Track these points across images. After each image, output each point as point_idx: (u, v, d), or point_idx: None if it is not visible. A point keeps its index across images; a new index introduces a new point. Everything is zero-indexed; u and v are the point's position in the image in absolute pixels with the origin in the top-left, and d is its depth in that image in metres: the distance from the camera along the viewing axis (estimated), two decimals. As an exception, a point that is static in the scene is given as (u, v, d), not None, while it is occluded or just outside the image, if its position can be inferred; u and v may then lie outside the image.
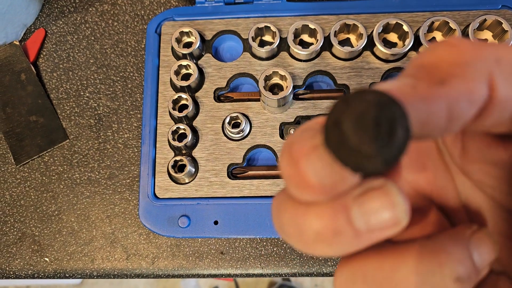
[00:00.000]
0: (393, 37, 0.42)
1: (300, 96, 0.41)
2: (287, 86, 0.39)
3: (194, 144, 0.41)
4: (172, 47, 0.42)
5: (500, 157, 0.15)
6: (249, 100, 0.41)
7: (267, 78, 0.39)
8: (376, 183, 0.13)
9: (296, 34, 0.42)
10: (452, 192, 0.17)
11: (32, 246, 0.44)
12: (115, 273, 0.43)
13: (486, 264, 0.14)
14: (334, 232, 0.13)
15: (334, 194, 0.13)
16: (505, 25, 0.38)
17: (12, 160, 0.45)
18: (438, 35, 0.41)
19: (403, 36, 0.40)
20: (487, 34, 0.41)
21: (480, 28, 0.40)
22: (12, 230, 0.44)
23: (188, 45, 0.43)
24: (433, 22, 0.39)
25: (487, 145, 0.15)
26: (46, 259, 0.43)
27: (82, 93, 0.47)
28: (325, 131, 0.11)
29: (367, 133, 0.10)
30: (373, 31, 0.40)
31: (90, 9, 0.49)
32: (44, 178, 0.45)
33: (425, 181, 0.17)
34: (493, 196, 0.16)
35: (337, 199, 0.13)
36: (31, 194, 0.45)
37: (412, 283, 0.13)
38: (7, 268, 0.43)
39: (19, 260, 0.44)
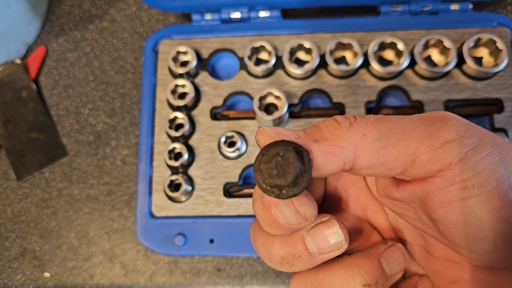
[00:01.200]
0: (389, 53, 0.42)
1: (295, 114, 0.41)
2: (281, 106, 0.39)
3: (190, 163, 0.41)
4: (169, 66, 0.43)
5: (394, 195, 0.19)
6: (245, 118, 0.42)
7: (262, 98, 0.40)
8: (323, 218, 0.19)
9: (292, 52, 0.42)
10: (383, 216, 0.23)
11: (33, 261, 0.45)
12: (114, 289, 0.43)
13: (397, 271, 0.20)
14: (294, 256, 0.18)
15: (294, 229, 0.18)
16: (499, 44, 0.38)
17: (14, 176, 0.46)
18: (434, 52, 0.41)
19: (398, 54, 0.40)
20: (483, 51, 0.40)
21: (476, 45, 0.40)
22: (14, 246, 0.45)
23: (185, 63, 0.43)
24: (427, 41, 0.39)
25: (387, 186, 0.20)
26: (47, 274, 0.44)
27: (81, 110, 0.47)
28: (255, 178, 0.17)
29: (273, 176, 0.16)
30: (368, 49, 0.40)
31: (90, 26, 0.50)
32: (45, 194, 0.46)
33: (360, 209, 0.23)
34: (405, 220, 0.21)
35: (296, 232, 0.18)
36: (32, 210, 0.46)
37: None
38: (9, 283, 0.44)
39: (20, 275, 0.44)
